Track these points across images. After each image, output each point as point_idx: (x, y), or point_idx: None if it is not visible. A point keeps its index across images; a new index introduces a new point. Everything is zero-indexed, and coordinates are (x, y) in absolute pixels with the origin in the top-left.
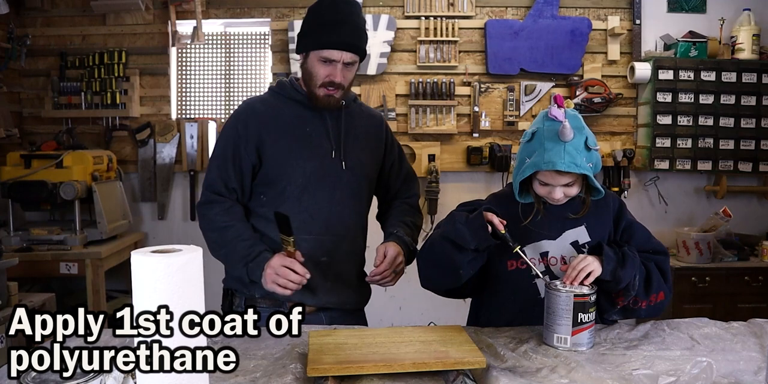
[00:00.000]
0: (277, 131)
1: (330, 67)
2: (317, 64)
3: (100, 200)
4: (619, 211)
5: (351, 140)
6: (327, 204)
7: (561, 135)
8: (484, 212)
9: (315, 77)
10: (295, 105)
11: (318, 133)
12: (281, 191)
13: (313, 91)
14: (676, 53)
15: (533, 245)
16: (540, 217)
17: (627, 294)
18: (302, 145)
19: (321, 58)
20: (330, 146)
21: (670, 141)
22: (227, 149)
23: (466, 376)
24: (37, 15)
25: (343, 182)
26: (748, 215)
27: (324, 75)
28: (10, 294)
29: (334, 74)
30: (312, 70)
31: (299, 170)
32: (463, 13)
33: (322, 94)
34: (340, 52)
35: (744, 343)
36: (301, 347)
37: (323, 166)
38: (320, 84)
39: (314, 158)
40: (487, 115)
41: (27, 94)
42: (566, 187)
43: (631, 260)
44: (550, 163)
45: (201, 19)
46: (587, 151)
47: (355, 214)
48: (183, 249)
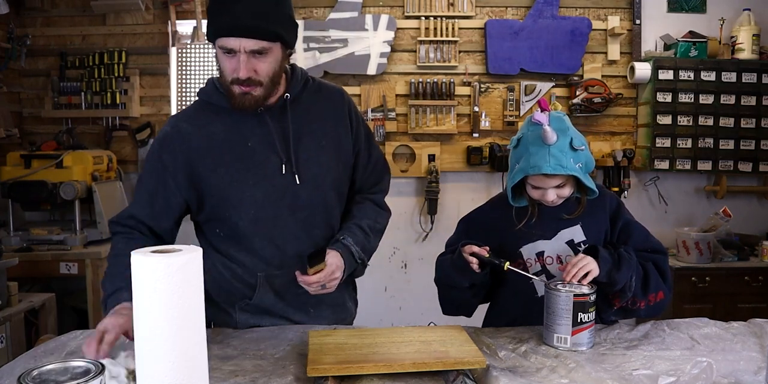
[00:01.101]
0: (212, 156)
1: (233, 60)
2: (221, 57)
3: (100, 200)
4: (616, 210)
5: (304, 144)
6: (292, 230)
7: (543, 138)
8: (462, 249)
9: (223, 73)
10: (227, 114)
11: (261, 146)
12: (233, 226)
13: (228, 90)
14: (676, 53)
15: (529, 246)
16: (535, 219)
17: (623, 295)
18: (245, 166)
19: (222, 49)
20: (279, 159)
21: (670, 141)
22: (149, 183)
23: (466, 376)
24: (37, 15)
25: (302, 200)
26: (748, 215)
27: (230, 69)
28: (10, 294)
29: (237, 68)
30: (220, 65)
31: (248, 200)
32: (463, 13)
33: (237, 92)
34: (238, 40)
35: (744, 343)
36: (301, 347)
37: (274, 187)
38: (230, 80)
39: (262, 180)
40: (487, 115)
41: (27, 94)
42: (558, 188)
43: (627, 262)
44: (536, 167)
45: (201, 19)
46: (573, 152)
47: (327, 232)
48: (183, 249)
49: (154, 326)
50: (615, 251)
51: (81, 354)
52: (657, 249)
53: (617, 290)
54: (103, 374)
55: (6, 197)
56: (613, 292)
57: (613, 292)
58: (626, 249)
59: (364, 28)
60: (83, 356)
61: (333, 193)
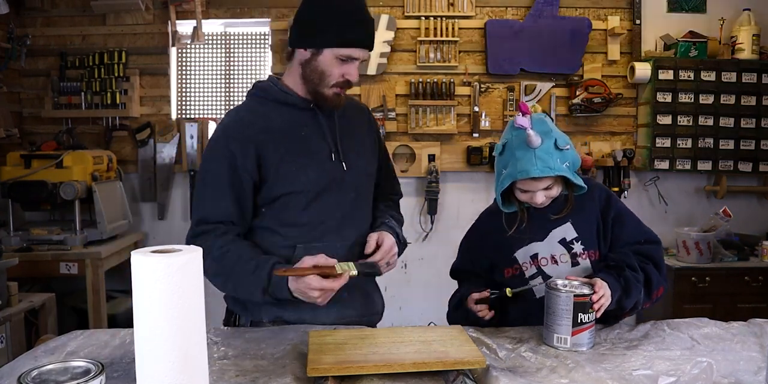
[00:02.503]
0: (273, 141)
1: (347, 66)
2: (333, 62)
3: (100, 200)
4: (605, 202)
5: (347, 139)
6: (335, 210)
7: (528, 142)
8: (467, 302)
9: (328, 77)
10: (283, 108)
11: (314, 135)
12: (286, 203)
13: (321, 92)
14: (676, 53)
15: (523, 250)
16: (525, 223)
17: (631, 313)
18: (301, 151)
19: (340, 57)
20: (328, 148)
21: (670, 141)
22: (222, 174)
23: (466, 376)
24: (37, 15)
25: (347, 185)
26: (748, 215)
27: (339, 74)
28: (10, 294)
29: (352, 73)
30: (326, 69)
31: (303, 179)
32: (463, 13)
33: (332, 93)
34: (362, 51)
35: (744, 343)
36: (301, 347)
37: (325, 171)
38: (333, 84)
39: (315, 163)
40: (487, 115)
41: (27, 94)
42: (546, 190)
43: (635, 285)
44: (524, 172)
45: (201, 19)
46: (559, 152)
47: (365, 216)
48: (183, 249)
49: (154, 326)
50: (621, 274)
51: (81, 354)
52: (651, 239)
53: (625, 312)
54: (103, 374)
55: (6, 197)
56: (620, 314)
57: (621, 314)
58: (629, 262)
59: None
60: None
61: (368, 184)
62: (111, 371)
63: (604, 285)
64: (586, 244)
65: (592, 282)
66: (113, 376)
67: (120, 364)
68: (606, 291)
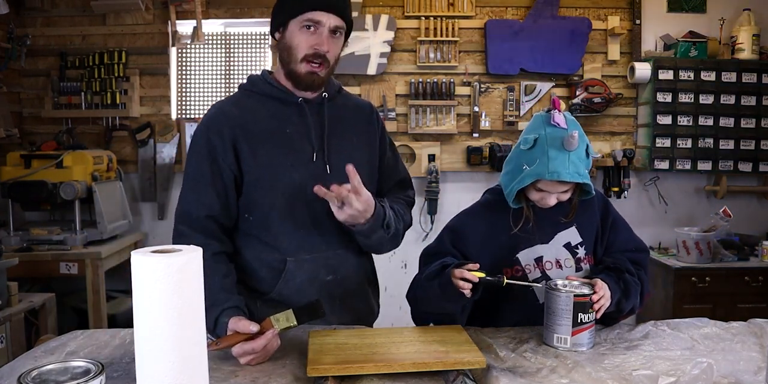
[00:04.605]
0: (255, 138)
1: (315, 36)
2: (298, 33)
3: (100, 200)
4: (604, 208)
5: (336, 138)
6: (323, 216)
7: (567, 144)
8: (453, 274)
9: (296, 49)
10: (270, 102)
11: (299, 133)
12: (269, 208)
13: (294, 69)
14: (676, 53)
15: (527, 251)
16: (531, 223)
17: (628, 315)
18: (285, 150)
19: (304, 24)
20: (311, 148)
21: (670, 141)
22: (203, 165)
23: (466, 376)
24: (37, 15)
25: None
26: (748, 215)
27: (307, 45)
28: (10, 294)
29: (320, 42)
30: (292, 42)
31: (285, 181)
32: (463, 13)
33: (305, 70)
34: (327, 14)
35: (744, 343)
36: (301, 347)
37: (308, 173)
38: (302, 56)
39: (297, 165)
40: (487, 115)
41: (27, 94)
42: (562, 193)
43: (634, 289)
44: (555, 173)
45: (201, 19)
46: (587, 159)
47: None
48: (183, 249)
49: (154, 326)
50: (620, 277)
51: (81, 354)
52: (640, 247)
53: (623, 314)
54: (103, 374)
55: (6, 197)
56: (618, 316)
57: (619, 316)
58: (627, 266)
59: (364, 28)
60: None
61: None
62: (111, 371)
63: (605, 285)
64: (588, 249)
65: (593, 282)
66: (113, 376)
67: (120, 364)
68: (606, 291)
